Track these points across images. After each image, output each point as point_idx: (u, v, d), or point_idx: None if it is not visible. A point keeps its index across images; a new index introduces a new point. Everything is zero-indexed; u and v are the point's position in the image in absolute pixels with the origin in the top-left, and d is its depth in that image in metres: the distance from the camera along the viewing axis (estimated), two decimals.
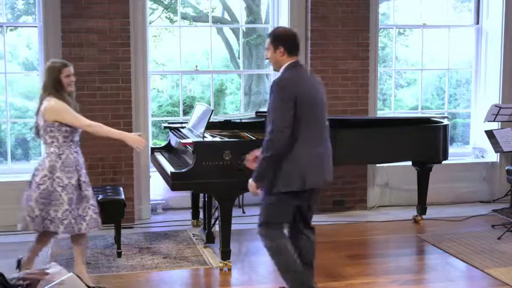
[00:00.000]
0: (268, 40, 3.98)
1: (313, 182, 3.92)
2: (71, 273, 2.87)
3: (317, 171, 3.93)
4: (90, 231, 4.37)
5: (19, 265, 4.41)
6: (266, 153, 3.80)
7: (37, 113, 4.33)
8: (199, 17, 8.50)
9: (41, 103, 4.29)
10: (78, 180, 4.25)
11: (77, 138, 4.33)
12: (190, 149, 4.82)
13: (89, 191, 4.31)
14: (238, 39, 7.54)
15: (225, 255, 4.83)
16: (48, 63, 4.35)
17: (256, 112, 5.17)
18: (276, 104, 3.79)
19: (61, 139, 4.22)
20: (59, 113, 4.20)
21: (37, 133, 4.38)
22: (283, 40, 3.93)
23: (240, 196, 5.90)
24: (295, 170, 3.86)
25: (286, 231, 4.11)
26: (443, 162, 6.22)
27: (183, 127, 5.80)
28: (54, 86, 4.25)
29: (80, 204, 4.25)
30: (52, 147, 4.22)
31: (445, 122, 6.15)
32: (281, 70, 3.95)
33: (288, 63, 3.92)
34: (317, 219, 6.39)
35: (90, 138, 6.10)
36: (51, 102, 4.21)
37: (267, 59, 4.06)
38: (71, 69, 4.30)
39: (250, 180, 3.91)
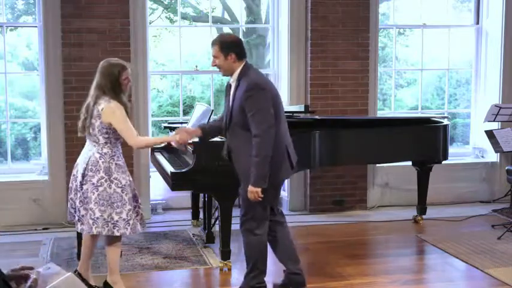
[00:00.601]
0: (216, 48, 4.05)
1: (291, 171, 4.20)
2: (70, 273, 2.87)
3: (294, 159, 4.18)
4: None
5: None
6: (261, 155, 3.89)
7: (90, 112, 4.16)
8: (199, 17, 8.49)
9: (95, 102, 4.13)
10: (130, 180, 4.23)
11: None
12: (190, 149, 4.82)
13: (136, 190, 4.32)
14: None
15: (225, 255, 4.83)
16: (104, 63, 4.19)
17: None
18: (259, 105, 3.91)
19: (114, 140, 4.16)
20: (115, 118, 4.09)
21: (86, 131, 4.21)
22: (234, 47, 4.05)
23: None
24: (282, 161, 4.04)
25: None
26: (443, 162, 6.22)
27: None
28: (113, 88, 4.13)
29: (135, 204, 4.24)
30: (105, 148, 4.14)
31: (445, 122, 6.15)
32: (236, 74, 4.04)
33: (241, 66, 4.04)
34: (317, 219, 6.43)
35: None
36: (111, 105, 4.08)
37: (214, 65, 4.11)
38: (129, 71, 4.21)
39: (251, 187, 3.93)
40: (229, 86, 4.17)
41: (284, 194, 6.90)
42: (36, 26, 6.31)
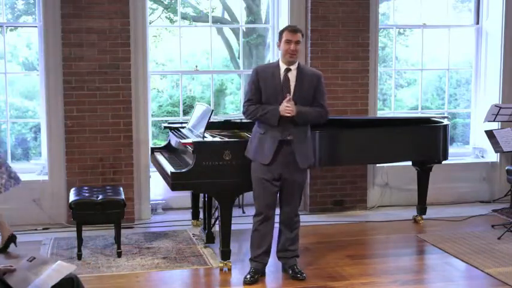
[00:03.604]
0: (300, 35, 4.49)
1: None
2: (59, 261, 2.93)
3: None
4: None
5: None
6: (321, 118, 4.64)
7: None
8: (199, 17, 8.49)
9: None
10: None
11: None
12: (190, 149, 4.82)
13: None
14: (238, 39, 7.54)
15: (225, 255, 4.83)
16: None
17: None
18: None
19: None
20: None
21: None
22: None
23: (240, 196, 5.90)
24: None
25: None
26: (443, 162, 6.22)
27: (183, 127, 5.80)
28: None
29: None
30: None
31: (445, 122, 6.15)
32: (297, 62, 4.53)
33: None
34: (317, 219, 6.43)
35: (90, 138, 6.13)
36: None
37: (294, 50, 4.46)
38: None
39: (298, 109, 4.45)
40: (286, 71, 4.49)
41: None
42: (36, 26, 6.31)
